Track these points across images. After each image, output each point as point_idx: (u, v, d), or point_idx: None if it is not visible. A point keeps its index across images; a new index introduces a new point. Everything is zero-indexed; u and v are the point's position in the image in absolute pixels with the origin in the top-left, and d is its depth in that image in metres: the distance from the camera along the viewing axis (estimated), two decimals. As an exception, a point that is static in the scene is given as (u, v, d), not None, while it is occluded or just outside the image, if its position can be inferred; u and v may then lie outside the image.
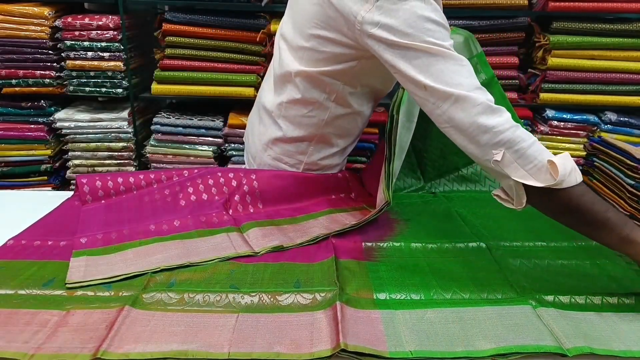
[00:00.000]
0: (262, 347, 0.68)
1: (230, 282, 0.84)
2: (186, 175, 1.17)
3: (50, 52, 1.99)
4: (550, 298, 0.80)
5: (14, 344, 0.67)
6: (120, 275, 0.84)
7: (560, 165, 0.79)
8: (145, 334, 0.70)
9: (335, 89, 1.11)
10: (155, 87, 2.08)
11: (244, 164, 1.63)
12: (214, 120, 2.14)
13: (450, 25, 0.94)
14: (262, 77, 2.07)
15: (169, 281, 0.83)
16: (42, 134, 2.07)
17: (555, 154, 0.81)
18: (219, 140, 2.16)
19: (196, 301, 0.78)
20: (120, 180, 1.15)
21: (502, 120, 0.84)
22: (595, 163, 1.18)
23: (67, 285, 0.81)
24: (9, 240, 0.95)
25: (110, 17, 1.97)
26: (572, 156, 2.14)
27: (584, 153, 1.99)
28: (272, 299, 0.79)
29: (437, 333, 0.72)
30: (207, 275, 0.86)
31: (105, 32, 1.97)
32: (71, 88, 2.05)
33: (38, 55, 1.99)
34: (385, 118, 1.41)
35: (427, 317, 0.75)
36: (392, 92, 1.20)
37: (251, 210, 1.12)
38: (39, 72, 2.01)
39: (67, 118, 2.07)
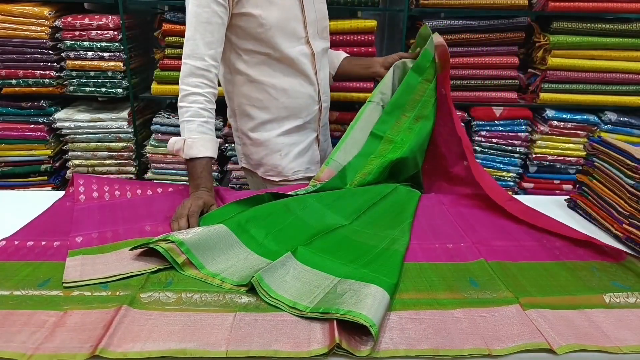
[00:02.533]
0: (260, 345, 0.68)
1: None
2: (181, 188, 1.22)
3: (50, 52, 1.99)
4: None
5: (12, 344, 0.67)
6: (117, 276, 0.84)
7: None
8: (143, 333, 0.70)
9: (227, 54, 1.31)
10: (155, 87, 2.08)
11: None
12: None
13: (447, 27, 0.95)
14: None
15: (167, 280, 0.83)
16: (42, 134, 2.07)
17: (555, 154, 0.81)
18: (219, 140, 2.15)
19: (194, 301, 0.78)
20: (116, 186, 1.19)
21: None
22: (595, 163, 1.17)
23: (64, 285, 0.80)
24: (0, 240, 0.95)
25: (110, 17, 1.97)
26: (572, 156, 2.19)
27: (584, 153, 1.98)
28: (269, 299, 0.79)
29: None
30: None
31: (105, 32, 1.97)
32: (71, 88, 2.05)
33: (38, 55, 1.99)
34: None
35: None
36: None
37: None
38: (39, 72, 2.01)
39: (67, 118, 2.07)
